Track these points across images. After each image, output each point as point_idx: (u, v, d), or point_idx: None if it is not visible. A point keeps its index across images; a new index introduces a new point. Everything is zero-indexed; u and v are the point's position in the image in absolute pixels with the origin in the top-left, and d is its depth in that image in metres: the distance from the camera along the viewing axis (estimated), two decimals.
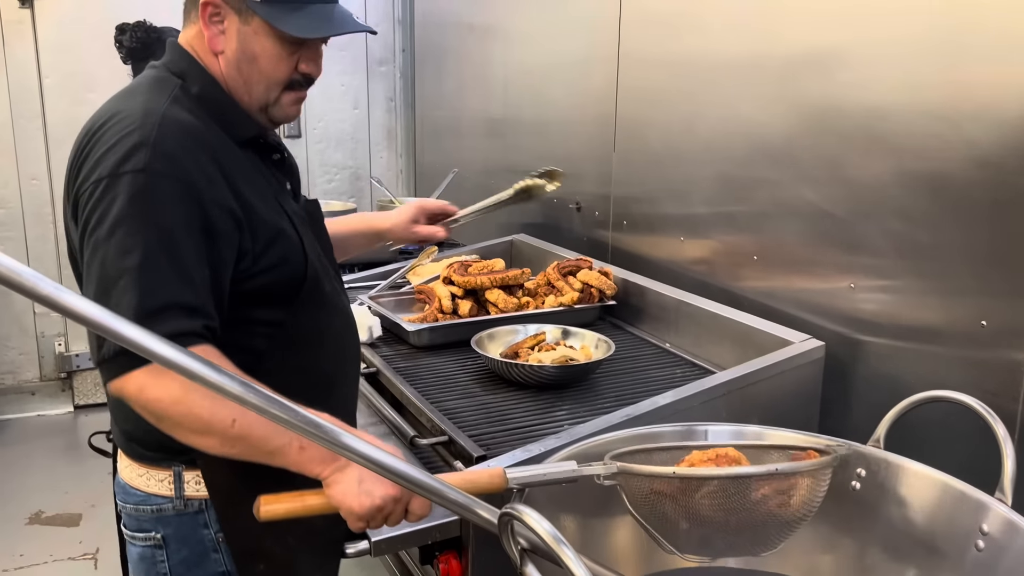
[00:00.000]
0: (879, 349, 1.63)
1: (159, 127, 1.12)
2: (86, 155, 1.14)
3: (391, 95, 4.55)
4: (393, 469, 1.03)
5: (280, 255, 1.21)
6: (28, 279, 0.87)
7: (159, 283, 1.06)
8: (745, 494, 1.05)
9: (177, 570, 1.27)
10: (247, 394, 0.93)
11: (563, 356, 1.77)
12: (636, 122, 2.41)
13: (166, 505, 1.25)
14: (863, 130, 1.63)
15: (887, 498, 1.20)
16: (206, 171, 1.13)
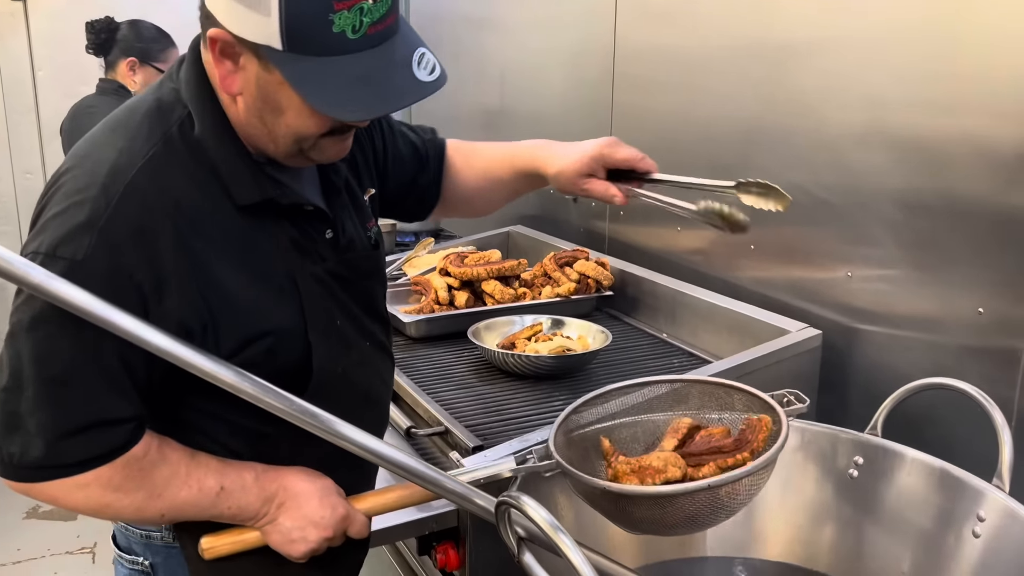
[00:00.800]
0: (876, 338, 1.63)
1: (118, 204, 0.92)
2: (40, 208, 0.97)
3: None
4: (391, 459, 1.03)
5: (264, 351, 1.03)
6: (18, 268, 0.87)
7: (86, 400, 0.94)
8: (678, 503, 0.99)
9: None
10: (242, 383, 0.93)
11: (560, 346, 1.77)
12: (632, 112, 2.41)
13: (155, 534, 1.17)
14: (861, 119, 1.63)
15: (885, 485, 1.21)
16: (159, 273, 0.94)
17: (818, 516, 1.23)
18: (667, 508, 0.98)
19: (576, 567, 0.78)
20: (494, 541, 1.02)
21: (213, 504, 1.03)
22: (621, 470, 1.06)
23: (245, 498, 1.05)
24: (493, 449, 1.34)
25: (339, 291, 1.13)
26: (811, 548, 1.22)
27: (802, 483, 1.25)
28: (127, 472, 0.98)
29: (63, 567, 2.78)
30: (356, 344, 1.17)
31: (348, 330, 1.15)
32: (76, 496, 0.97)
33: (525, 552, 0.93)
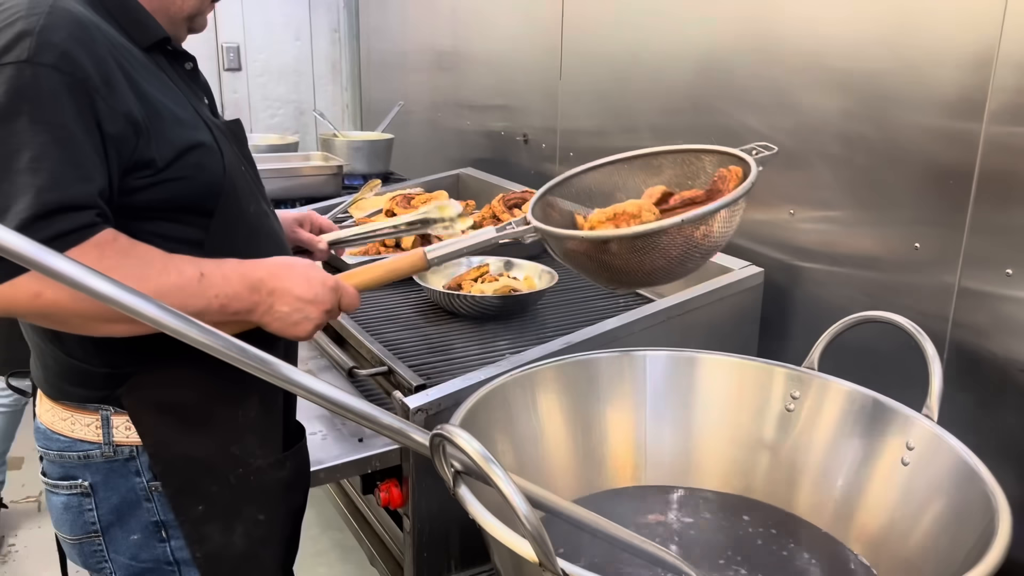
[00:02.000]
0: (817, 275, 1.65)
1: (48, 15, 0.97)
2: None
3: (335, 26, 4.41)
4: (328, 397, 1.01)
5: (194, 163, 1.08)
6: None
7: (52, 182, 0.94)
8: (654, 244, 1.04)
9: (107, 518, 1.18)
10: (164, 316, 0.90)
11: (506, 286, 1.76)
12: (582, 53, 2.37)
13: (93, 451, 1.15)
14: (809, 59, 1.62)
15: (819, 417, 1.23)
16: (101, 68, 0.99)
17: (754, 447, 1.25)
18: (643, 252, 1.00)
19: (506, 496, 0.78)
20: (435, 479, 1.02)
21: (198, 292, 1.02)
22: (596, 219, 1.07)
23: (229, 287, 1.05)
24: (435, 387, 1.33)
25: (232, 144, 1.19)
26: (747, 478, 1.24)
27: (739, 415, 1.27)
28: (105, 254, 0.96)
29: (9, 517, 2.74)
30: (262, 205, 1.22)
31: (250, 183, 1.20)
32: (54, 287, 0.93)
33: (460, 485, 0.92)
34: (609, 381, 1.27)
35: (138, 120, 1.01)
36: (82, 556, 1.21)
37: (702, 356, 1.29)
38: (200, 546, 1.16)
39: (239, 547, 1.18)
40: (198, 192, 1.09)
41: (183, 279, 1.01)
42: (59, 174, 0.94)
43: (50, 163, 0.94)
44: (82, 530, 1.18)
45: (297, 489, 1.24)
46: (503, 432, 1.18)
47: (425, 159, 3.52)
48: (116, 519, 1.17)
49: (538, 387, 1.23)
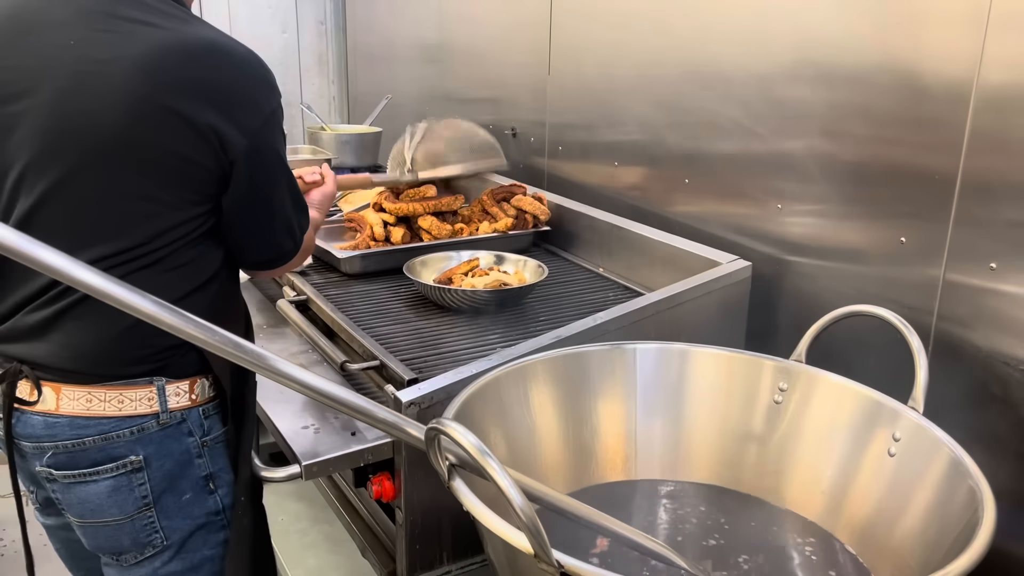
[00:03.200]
0: (804, 268, 1.66)
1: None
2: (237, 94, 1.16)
3: (321, 18, 4.38)
4: (324, 392, 1.02)
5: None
6: None
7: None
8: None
9: (160, 485, 1.24)
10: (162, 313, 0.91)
11: (496, 280, 1.77)
12: (571, 47, 2.38)
13: (148, 423, 1.21)
14: (794, 53, 1.63)
15: (807, 409, 1.25)
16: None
17: (742, 440, 1.27)
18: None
19: (502, 489, 0.79)
20: (428, 472, 1.03)
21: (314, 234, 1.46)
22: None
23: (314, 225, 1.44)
24: (428, 381, 1.34)
25: None
26: (735, 470, 1.26)
27: (727, 408, 1.28)
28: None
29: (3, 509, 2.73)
30: None
31: None
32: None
33: (455, 478, 0.94)
34: (600, 374, 1.28)
35: None
36: (132, 533, 1.25)
37: (691, 349, 1.30)
38: (243, 486, 1.31)
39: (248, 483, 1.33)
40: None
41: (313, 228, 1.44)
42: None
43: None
44: (133, 507, 1.23)
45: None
46: (496, 425, 1.19)
47: None
48: (168, 485, 1.25)
49: (530, 380, 1.24)
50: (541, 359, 1.26)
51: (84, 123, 1.09)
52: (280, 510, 1.91)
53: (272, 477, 1.31)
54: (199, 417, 1.26)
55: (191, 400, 1.25)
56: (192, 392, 1.25)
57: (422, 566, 1.39)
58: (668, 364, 1.30)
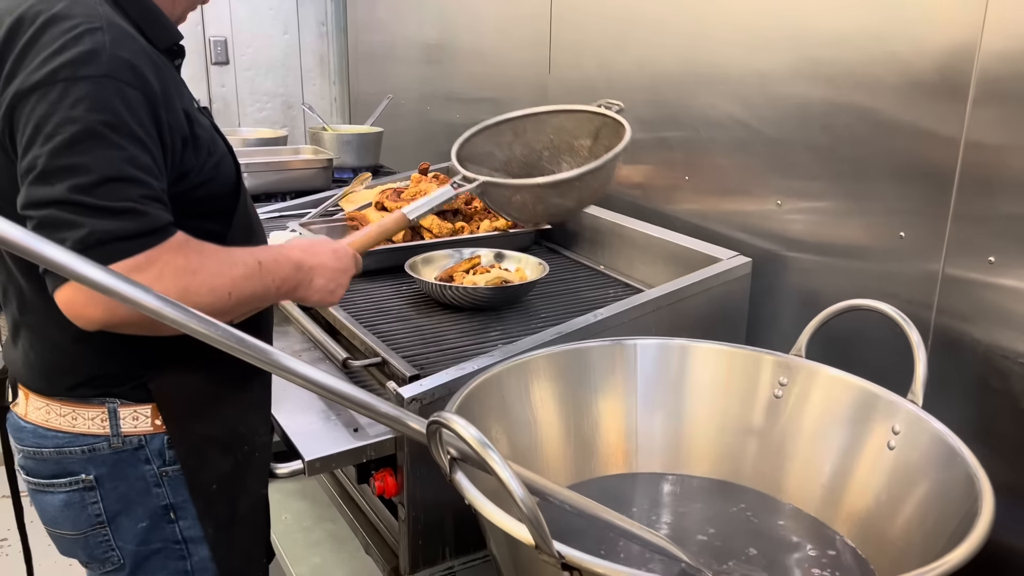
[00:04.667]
0: (804, 264, 1.67)
1: (107, 28, 1.00)
2: (19, 55, 0.99)
3: (322, 19, 4.40)
4: (327, 387, 1.03)
5: (215, 163, 1.15)
6: None
7: (142, 184, 0.99)
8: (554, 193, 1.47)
9: (114, 507, 1.19)
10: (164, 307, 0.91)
11: (497, 278, 1.78)
12: (571, 46, 2.38)
13: (100, 444, 1.16)
14: (793, 50, 1.64)
15: (806, 403, 1.25)
16: (159, 83, 1.04)
17: (743, 434, 1.28)
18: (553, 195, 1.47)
19: (503, 481, 0.79)
20: (430, 468, 1.04)
21: (261, 280, 1.12)
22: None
23: (281, 270, 1.17)
24: (429, 377, 1.35)
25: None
26: (736, 464, 1.27)
27: (728, 403, 1.29)
28: (185, 253, 1.02)
29: (1, 512, 2.74)
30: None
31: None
32: (159, 287, 0.94)
33: (457, 471, 0.94)
34: (601, 370, 1.29)
35: (186, 132, 1.08)
36: (87, 549, 1.22)
37: (691, 344, 1.31)
38: (212, 521, 1.22)
39: (242, 518, 1.26)
40: (221, 192, 1.18)
41: (248, 269, 1.10)
42: (145, 174, 0.99)
43: (138, 166, 0.98)
44: (86, 524, 1.20)
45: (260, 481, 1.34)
46: (497, 420, 1.20)
47: (414, 152, 3.52)
48: (123, 508, 1.20)
49: (531, 376, 1.25)
50: (542, 355, 1.27)
51: None
52: (283, 508, 1.92)
53: (275, 473, 1.32)
54: (162, 445, 1.18)
55: (154, 426, 1.18)
56: (155, 418, 1.17)
57: (425, 562, 1.39)
58: (668, 359, 1.30)
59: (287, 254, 1.20)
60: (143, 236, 0.97)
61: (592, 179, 1.47)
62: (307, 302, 1.27)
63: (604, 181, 1.51)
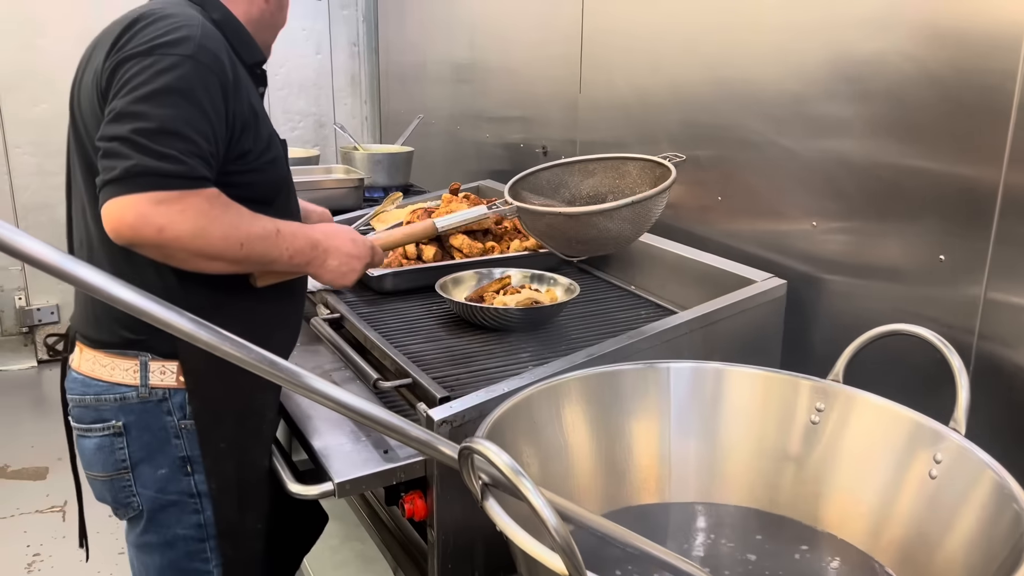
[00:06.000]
0: (840, 287, 1.64)
1: (202, 28, 1.25)
2: (131, 36, 1.23)
3: (354, 40, 4.45)
4: (358, 409, 1.02)
5: (270, 159, 1.36)
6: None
7: (196, 139, 1.19)
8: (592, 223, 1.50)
9: (137, 454, 1.36)
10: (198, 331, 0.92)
11: (528, 299, 1.77)
12: (602, 65, 2.38)
13: (130, 393, 1.34)
14: (827, 69, 1.62)
15: (845, 430, 1.22)
16: (232, 73, 1.27)
17: (779, 461, 1.25)
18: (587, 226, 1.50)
19: (536, 510, 0.78)
20: (460, 491, 1.03)
21: (275, 244, 1.30)
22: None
23: (296, 242, 1.33)
24: (460, 399, 1.34)
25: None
26: (772, 492, 1.24)
27: (763, 429, 1.26)
28: (211, 203, 1.21)
29: (33, 526, 2.77)
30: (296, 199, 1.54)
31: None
32: (179, 220, 1.17)
33: (488, 498, 0.93)
34: (633, 393, 1.27)
35: (247, 117, 1.29)
36: (112, 492, 1.39)
37: (726, 368, 1.29)
38: (216, 478, 1.37)
39: (244, 483, 1.39)
40: (270, 184, 1.38)
41: (265, 231, 1.28)
42: (199, 136, 1.19)
43: (195, 129, 1.19)
44: (113, 467, 1.37)
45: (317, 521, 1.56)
46: (528, 444, 1.19)
47: (444, 171, 3.54)
48: (146, 455, 1.36)
49: (563, 399, 1.23)
50: (574, 378, 1.25)
51: None
52: None
53: (305, 494, 1.32)
54: (183, 400, 1.35)
55: (178, 382, 1.34)
56: (179, 374, 1.34)
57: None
58: (703, 384, 1.28)
59: (307, 231, 1.37)
60: (178, 178, 1.16)
61: (622, 217, 1.49)
62: (319, 279, 1.43)
63: (638, 222, 1.52)
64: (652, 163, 1.61)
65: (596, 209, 1.48)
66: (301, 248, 1.35)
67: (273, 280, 1.39)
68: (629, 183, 1.65)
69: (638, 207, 1.48)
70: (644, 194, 1.48)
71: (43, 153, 3.92)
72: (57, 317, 4.11)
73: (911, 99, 1.46)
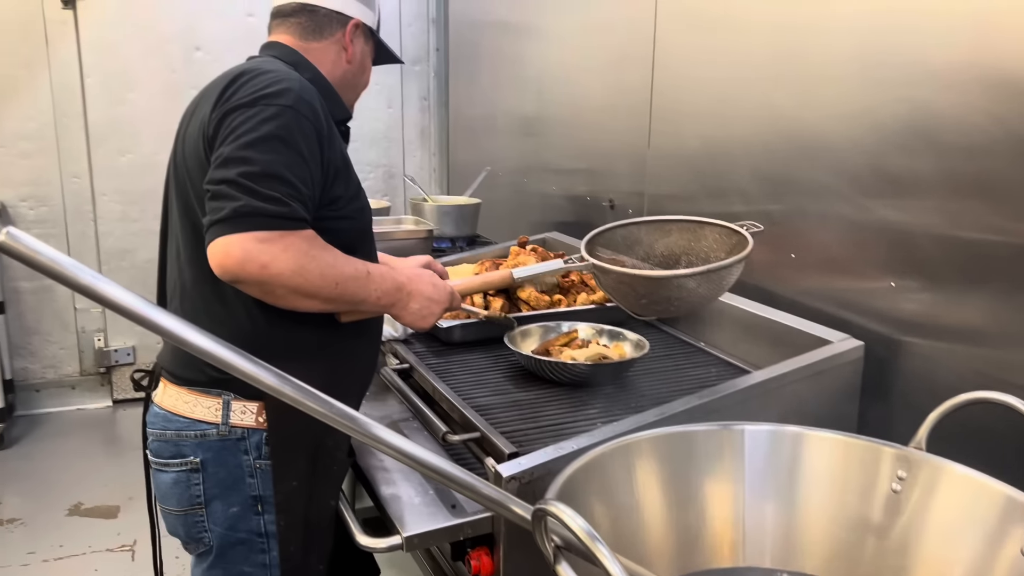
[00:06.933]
0: (921, 349, 1.59)
1: (301, 83, 1.36)
2: (236, 89, 1.34)
3: (425, 94, 4.56)
4: (428, 464, 1.03)
5: (359, 206, 1.46)
6: (68, 268, 0.87)
7: (297, 183, 1.28)
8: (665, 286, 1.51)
9: (212, 491, 1.41)
10: (282, 386, 0.94)
11: (597, 354, 1.76)
12: (671, 119, 2.39)
13: (210, 431, 1.39)
14: (905, 126, 1.60)
15: (929, 501, 1.18)
16: (327, 125, 1.37)
17: (859, 530, 1.20)
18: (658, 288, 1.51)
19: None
20: (528, 549, 1.02)
21: (365, 285, 1.38)
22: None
23: (384, 284, 1.41)
24: (528, 456, 1.33)
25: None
26: (851, 562, 1.19)
27: (843, 496, 1.22)
28: (310, 243, 1.29)
29: (103, 564, 2.83)
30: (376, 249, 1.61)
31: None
32: (282, 258, 1.24)
33: (561, 561, 0.92)
34: (707, 455, 1.25)
35: (338, 165, 1.39)
36: (185, 526, 1.44)
37: (805, 432, 1.25)
38: (285, 515, 1.40)
39: (311, 521, 1.42)
40: (357, 231, 1.46)
41: (358, 272, 1.36)
42: (299, 181, 1.28)
43: (295, 174, 1.28)
44: (188, 503, 1.42)
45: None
46: (599, 504, 1.17)
47: (510, 222, 3.58)
48: (219, 492, 1.41)
49: (635, 458, 1.22)
50: (646, 437, 1.23)
51: None
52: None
53: (374, 547, 1.32)
54: (260, 440, 1.39)
55: (256, 422, 1.39)
56: (259, 415, 1.39)
57: None
58: (780, 447, 1.25)
59: (394, 275, 1.45)
60: (281, 219, 1.24)
61: (695, 282, 1.50)
62: (400, 320, 1.50)
63: (712, 288, 1.53)
64: (729, 230, 1.61)
65: (671, 274, 1.49)
66: (388, 290, 1.42)
67: (357, 317, 1.46)
68: (704, 247, 1.65)
69: (713, 274, 1.49)
70: (721, 263, 1.48)
71: (127, 201, 4.10)
72: (133, 358, 4.24)
73: (992, 158, 1.43)
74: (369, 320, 1.51)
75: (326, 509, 1.46)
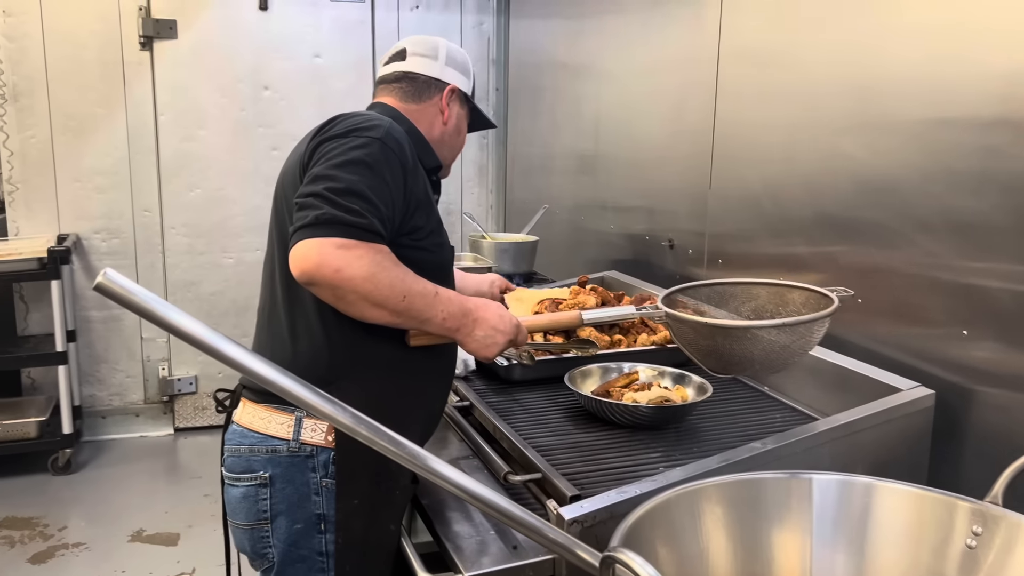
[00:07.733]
0: (995, 399, 1.55)
1: (392, 124, 1.47)
2: (332, 125, 1.46)
3: (483, 133, 4.63)
4: (493, 504, 1.03)
5: (439, 241, 1.54)
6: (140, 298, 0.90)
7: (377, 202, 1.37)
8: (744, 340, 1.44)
9: (278, 507, 1.45)
10: (357, 425, 0.96)
11: (659, 397, 1.75)
12: (733, 159, 2.39)
13: (281, 447, 1.44)
14: (976, 168, 1.57)
15: (1006, 558, 1.14)
16: (411, 159, 1.47)
17: None
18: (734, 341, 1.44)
19: None
20: None
21: (432, 304, 1.42)
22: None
23: (451, 307, 1.46)
24: (591, 499, 1.32)
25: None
26: None
27: (916, 550, 1.19)
28: (383, 256, 1.36)
29: None
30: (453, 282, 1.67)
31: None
32: (355, 264, 1.32)
33: None
34: (775, 503, 1.23)
35: (421, 198, 1.48)
36: (251, 541, 1.48)
37: (875, 483, 1.23)
38: (344, 533, 1.43)
39: (368, 543, 1.44)
40: (435, 265, 1.52)
41: (426, 290, 1.42)
42: (379, 201, 1.37)
43: (376, 194, 1.37)
44: (255, 517, 1.46)
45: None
46: (665, 549, 1.16)
47: (567, 259, 3.59)
48: (285, 508, 1.45)
49: (701, 505, 1.20)
50: (713, 484, 1.22)
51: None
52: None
53: None
54: (328, 459, 1.44)
55: (325, 440, 1.44)
56: (328, 433, 1.44)
57: None
58: (850, 497, 1.22)
59: (462, 299, 1.49)
60: (359, 229, 1.33)
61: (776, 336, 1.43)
62: (464, 347, 1.53)
63: (793, 347, 1.46)
64: (819, 295, 1.56)
65: (751, 325, 1.45)
66: (454, 313, 1.46)
67: (425, 342, 1.49)
68: (791, 312, 1.60)
69: (797, 328, 1.43)
70: (806, 316, 1.45)
71: (194, 234, 4.23)
72: (195, 388, 4.34)
73: None
74: (441, 348, 1.55)
75: (386, 535, 1.47)
